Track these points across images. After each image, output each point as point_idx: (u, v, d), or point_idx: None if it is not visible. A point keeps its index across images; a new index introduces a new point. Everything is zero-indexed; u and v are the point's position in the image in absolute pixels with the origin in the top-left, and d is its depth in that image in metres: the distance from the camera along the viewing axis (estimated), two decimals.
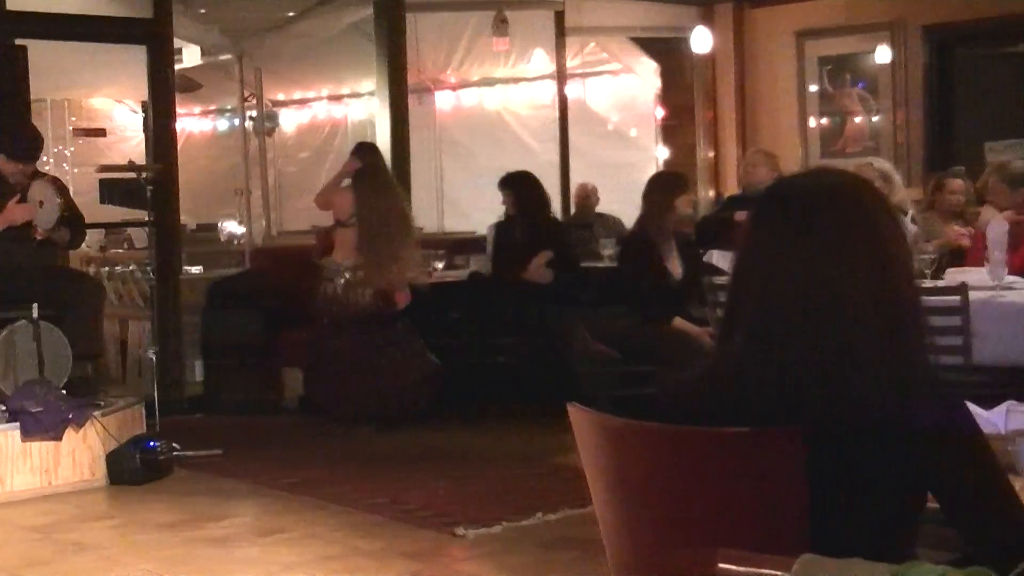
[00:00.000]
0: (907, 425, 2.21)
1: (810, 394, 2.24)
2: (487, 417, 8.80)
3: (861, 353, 2.23)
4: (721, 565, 1.91)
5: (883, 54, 10.88)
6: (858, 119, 11.21)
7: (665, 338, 7.56)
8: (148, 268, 8.90)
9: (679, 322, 7.72)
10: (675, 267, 7.87)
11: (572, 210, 11.48)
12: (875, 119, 11.10)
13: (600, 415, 2.42)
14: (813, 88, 11.41)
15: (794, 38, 11.44)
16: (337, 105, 15.55)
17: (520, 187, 9.13)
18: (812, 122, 11.47)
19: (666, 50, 12.27)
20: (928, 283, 6.48)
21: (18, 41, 8.68)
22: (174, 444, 7.52)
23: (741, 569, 1.90)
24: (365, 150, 9.36)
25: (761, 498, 2.24)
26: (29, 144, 7.86)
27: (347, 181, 9.14)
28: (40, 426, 6.95)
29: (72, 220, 7.84)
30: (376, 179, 8.95)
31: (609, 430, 2.40)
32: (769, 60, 11.69)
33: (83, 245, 9.28)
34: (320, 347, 8.86)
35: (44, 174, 8.10)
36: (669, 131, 12.34)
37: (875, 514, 2.25)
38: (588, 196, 11.02)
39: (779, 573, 1.87)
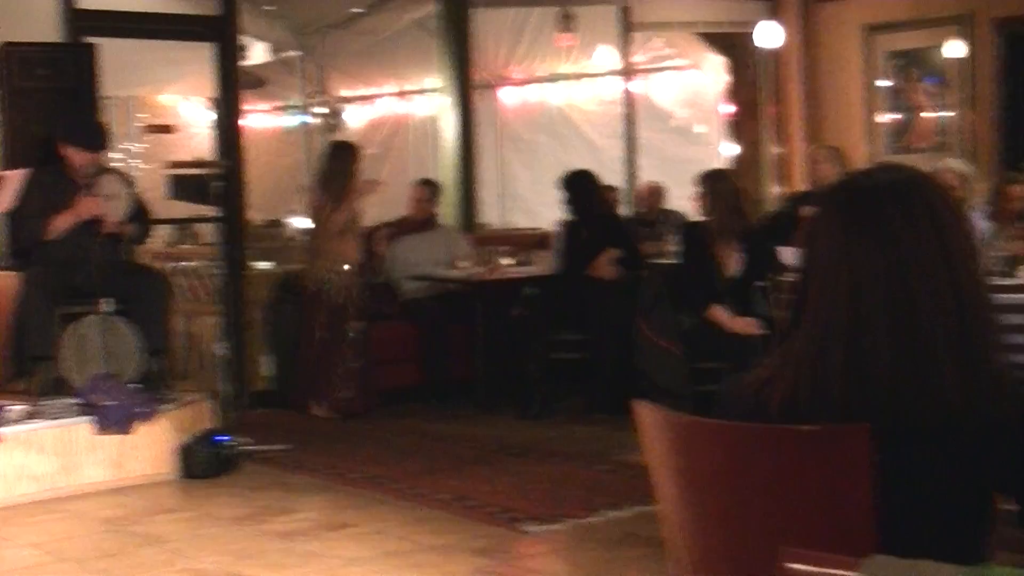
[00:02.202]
0: (978, 423, 2.18)
1: (878, 391, 2.22)
2: (552, 413, 8.80)
3: (930, 350, 2.21)
4: (787, 564, 1.90)
5: (953, 48, 10.77)
6: (927, 114, 11.10)
7: (730, 334, 7.52)
8: (215, 263, 8.97)
9: (715, 311, 7.66)
10: (731, 262, 7.81)
11: (637, 207, 11.45)
12: (945, 114, 10.98)
13: (664, 412, 2.41)
14: (881, 83, 11.31)
15: (862, 32, 11.34)
16: (401, 101, 15.59)
17: (572, 188, 9.13)
18: (880, 117, 11.36)
19: (732, 45, 12.20)
20: (999, 281, 6.41)
21: (87, 39, 8.77)
22: (240, 439, 7.58)
23: (807, 568, 1.89)
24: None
25: (828, 497, 2.22)
26: (98, 135, 7.96)
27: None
28: (110, 420, 7.03)
29: (139, 215, 7.92)
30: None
31: (674, 427, 2.39)
32: (837, 55, 11.59)
33: (150, 240, 9.35)
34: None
35: (111, 169, 8.18)
36: (735, 127, 12.28)
37: (945, 515, 2.22)
38: (652, 195, 10.98)
39: (846, 573, 1.86)
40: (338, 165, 9.20)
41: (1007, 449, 2.20)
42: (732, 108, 12.26)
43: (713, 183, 7.93)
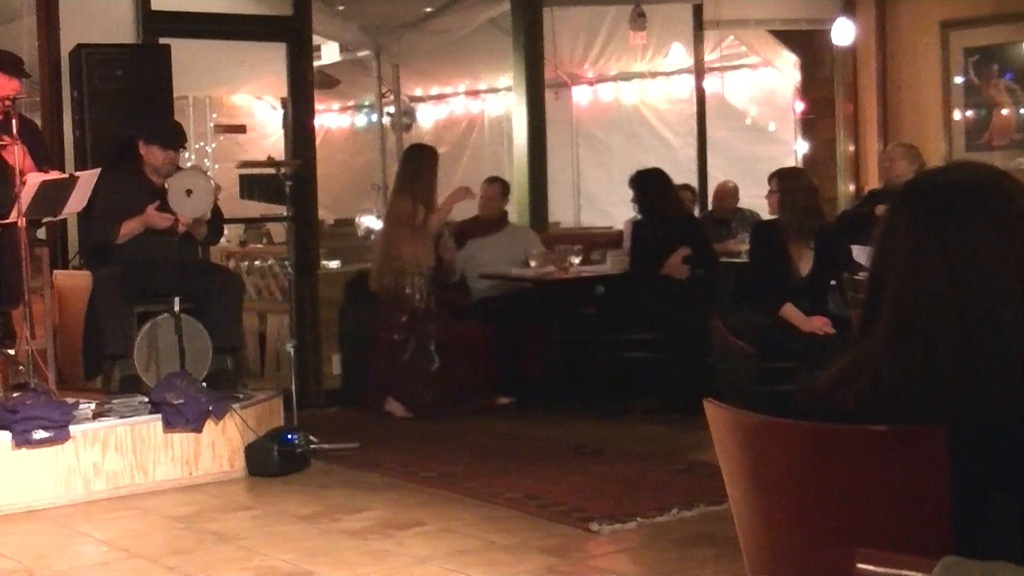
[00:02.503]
0: None
1: (954, 391, 2.17)
2: (623, 413, 8.76)
3: (1008, 349, 2.16)
4: (860, 565, 1.86)
5: None
6: (1006, 111, 10.92)
7: (804, 333, 7.44)
8: (287, 262, 9.02)
9: (788, 310, 7.56)
10: (805, 260, 7.72)
11: (711, 206, 11.38)
12: (1023, 111, 10.81)
13: (737, 412, 2.38)
14: (958, 80, 11.15)
15: (939, 28, 11.19)
16: (474, 100, 15.63)
17: (643, 186, 9.09)
18: (957, 115, 11.20)
19: (806, 43, 12.09)
20: None
21: (162, 40, 8.85)
22: (312, 437, 7.60)
23: (880, 570, 1.86)
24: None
25: (902, 498, 2.18)
26: (176, 133, 8.05)
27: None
28: (181, 418, 7.07)
29: (213, 216, 7.97)
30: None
31: (746, 427, 2.36)
32: (913, 51, 11.45)
33: (223, 240, 9.42)
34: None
35: (191, 166, 8.24)
36: (809, 125, 12.17)
37: (1023, 516, 2.17)
38: (727, 196, 10.88)
39: (919, 575, 1.82)
40: (420, 167, 9.18)
41: None
42: (806, 106, 12.15)
43: (788, 181, 7.84)
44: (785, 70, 12.34)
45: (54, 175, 7.49)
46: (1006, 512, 2.16)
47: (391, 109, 14.00)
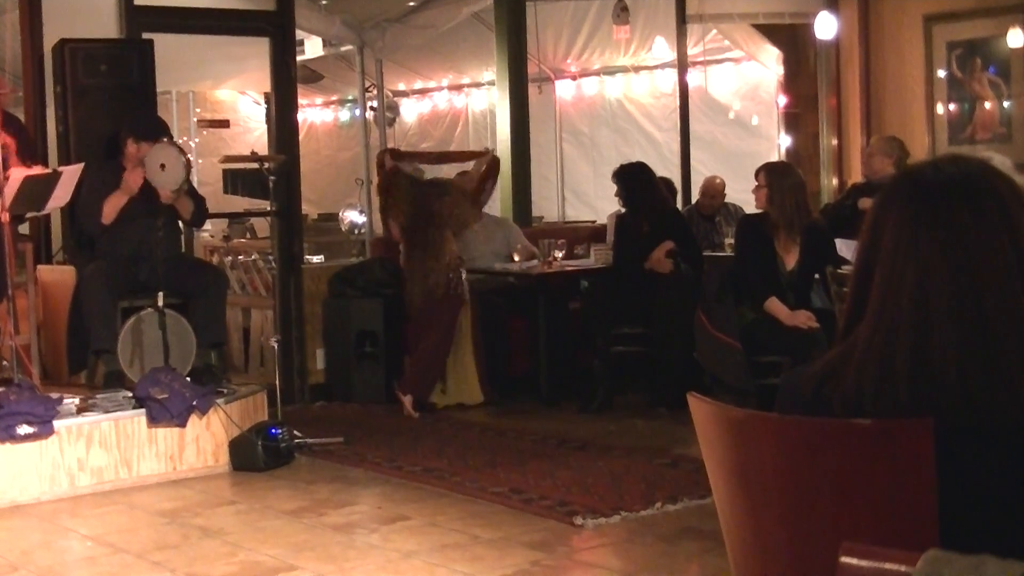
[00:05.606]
0: None
1: (940, 386, 2.18)
2: (607, 407, 8.76)
3: (999, 348, 2.17)
4: (844, 559, 1.87)
5: (1016, 38, 10.62)
6: (988, 105, 10.95)
7: (790, 328, 7.46)
8: (271, 257, 9.00)
9: (772, 304, 7.58)
10: (790, 255, 7.73)
11: (695, 199, 11.38)
12: (1007, 105, 10.84)
13: (721, 406, 2.38)
14: (941, 74, 11.17)
15: (922, 22, 11.21)
16: (458, 95, 15.62)
17: (627, 181, 9.08)
18: (940, 109, 11.23)
19: (789, 37, 12.11)
20: None
21: (145, 35, 8.82)
22: (296, 432, 7.61)
23: (864, 563, 1.86)
24: None
25: (888, 492, 2.18)
26: (162, 129, 8.03)
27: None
28: (165, 413, 7.07)
29: (194, 192, 7.96)
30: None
31: (731, 421, 2.36)
32: (896, 45, 11.47)
33: (207, 235, 9.40)
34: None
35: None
36: (792, 119, 12.18)
37: (1007, 510, 2.18)
38: (716, 194, 10.85)
39: (904, 568, 1.83)
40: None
41: None
42: (789, 100, 12.16)
43: (777, 177, 7.83)
44: (768, 64, 12.36)
45: (37, 170, 7.48)
46: (991, 505, 2.17)
47: (375, 104, 13.97)
